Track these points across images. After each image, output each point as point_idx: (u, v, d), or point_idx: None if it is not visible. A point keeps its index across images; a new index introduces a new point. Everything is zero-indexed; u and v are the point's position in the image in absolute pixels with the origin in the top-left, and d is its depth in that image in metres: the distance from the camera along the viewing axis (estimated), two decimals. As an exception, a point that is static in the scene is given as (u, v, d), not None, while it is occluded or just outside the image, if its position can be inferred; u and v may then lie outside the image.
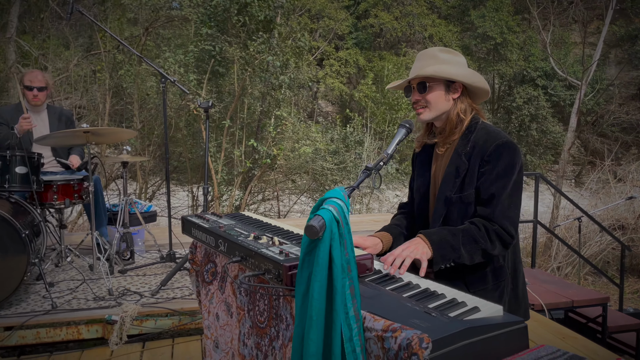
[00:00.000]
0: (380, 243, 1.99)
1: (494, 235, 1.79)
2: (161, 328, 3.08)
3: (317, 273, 1.25)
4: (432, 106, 1.88)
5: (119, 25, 9.97)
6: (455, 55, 1.93)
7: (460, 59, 1.93)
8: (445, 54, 1.91)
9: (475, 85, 1.89)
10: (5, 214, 2.95)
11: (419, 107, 1.90)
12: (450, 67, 1.87)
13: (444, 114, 1.91)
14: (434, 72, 1.84)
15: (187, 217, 2.24)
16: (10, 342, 2.87)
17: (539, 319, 3.33)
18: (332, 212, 1.27)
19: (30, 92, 3.87)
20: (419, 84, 1.88)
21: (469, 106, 1.91)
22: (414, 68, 1.92)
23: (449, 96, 1.89)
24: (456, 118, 1.89)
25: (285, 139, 7.89)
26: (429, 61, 1.88)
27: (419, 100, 1.89)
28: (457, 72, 1.86)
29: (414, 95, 1.91)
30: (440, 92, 1.87)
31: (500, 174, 1.81)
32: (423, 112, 1.90)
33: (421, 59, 1.91)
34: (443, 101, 1.88)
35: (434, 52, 1.90)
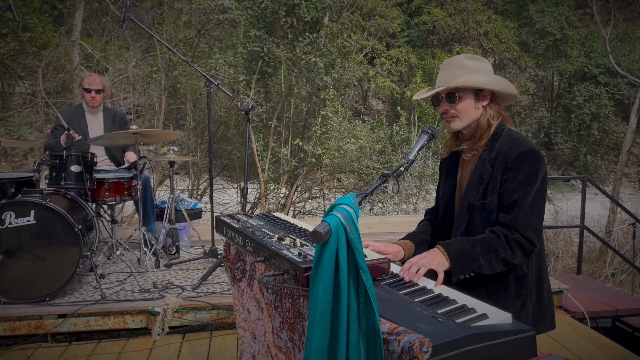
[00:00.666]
0: (402, 251, 2.02)
1: (515, 243, 1.78)
2: (200, 321, 3.23)
3: (321, 276, 1.32)
4: (462, 115, 1.90)
5: (174, 27, 10.36)
6: (482, 61, 1.93)
7: (486, 65, 1.93)
8: (472, 61, 1.91)
9: (505, 91, 1.89)
10: (61, 209, 3.18)
11: (448, 117, 1.92)
12: (478, 75, 1.88)
13: (474, 121, 1.92)
14: (464, 83, 1.85)
15: (220, 217, 2.35)
16: (63, 329, 3.10)
17: (578, 327, 3.25)
18: (340, 218, 1.33)
19: (89, 94, 4.13)
20: (448, 95, 1.90)
21: (497, 112, 1.92)
22: (440, 78, 1.93)
23: (479, 104, 1.90)
24: (486, 124, 1.90)
25: (330, 138, 7.96)
26: (457, 71, 1.89)
27: (448, 110, 1.91)
28: (485, 80, 1.87)
29: (442, 106, 1.92)
30: (470, 101, 1.89)
31: (523, 181, 1.81)
32: (453, 122, 1.92)
33: (448, 68, 1.92)
34: (473, 110, 1.90)
35: (461, 60, 1.91)
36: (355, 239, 1.33)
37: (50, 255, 3.17)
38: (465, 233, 1.93)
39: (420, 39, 18.06)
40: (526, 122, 17.51)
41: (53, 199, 3.33)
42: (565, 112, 17.76)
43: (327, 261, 1.31)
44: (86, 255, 3.30)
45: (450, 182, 2.05)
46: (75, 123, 4.15)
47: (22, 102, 11.99)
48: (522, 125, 17.04)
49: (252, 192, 9.62)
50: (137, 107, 11.24)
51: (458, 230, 1.94)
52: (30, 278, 3.15)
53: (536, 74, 18.77)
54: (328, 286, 1.33)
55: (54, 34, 10.95)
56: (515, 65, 17.84)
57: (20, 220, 3.11)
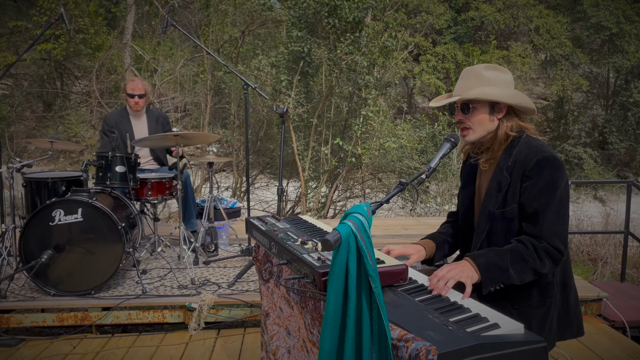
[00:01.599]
0: (423, 250, 2.05)
1: (543, 252, 1.77)
2: (234, 318, 3.34)
3: (333, 281, 1.37)
4: (475, 127, 1.89)
5: (220, 28, 10.61)
6: (502, 72, 1.92)
7: (506, 76, 1.92)
8: (491, 71, 1.90)
9: (521, 105, 1.88)
10: (106, 208, 3.36)
11: (462, 127, 1.92)
12: (494, 88, 1.86)
13: (489, 133, 1.91)
14: (477, 96, 1.84)
15: (250, 219, 2.44)
16: (107, 321, 3.28)
17: (616, 337, 3.16)
18: (351, 227, 1.38)
19: (132, 99, 4.33)
20: (462, 105, 1.90)
21: (515, 124, 1.90)
22: (457, 86, 1.94)
23: (494, 117, 1.89)
24: (504, 137, 1.89)
25: (370, 137, 7.97)
26: (473, 81, 1.89)
27: (462, 120, 1.91)
28: (500, 93, 1.85)
29: (457, 115, 1.93)
30: (484, 113, 1.88)
31: (543, 190, 1.79)
32: (467, 134, 1.92)
33: (465, 77, 1.92)
34: (487, 122, 1.89)
35: (479, 70, 1.91)
36: (365, 248, 1.37)
37: (96, 251, 3.35)
38: (486, 242, 1.93)
39: (467, 35, 17.71)
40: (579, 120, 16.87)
41: (99, 197, 3.52)
42: (622, 110, 17.00)
43: (337, 268, 1.36)
44: (129, 252, 3.47)
45: (468, 189, 2.06)
46: (120, 126, 4.36)
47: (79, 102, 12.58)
48: (575, 124, 16.43)
49: (292, 191, 9.75)
50: (185, 106, 11.60)
51: (479, 239, 1.94)
52: (78, 272, 3.35)
53: (590, 71, 18.05)
54: (339, 292, 1.38)
55: (107, 37, 11.44)
56: (568, 61, 17.21)
57: (69, 217, 3.31)
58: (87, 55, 11.84)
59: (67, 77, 13.19)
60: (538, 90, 19.68)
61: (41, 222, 3.28)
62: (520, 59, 15.84)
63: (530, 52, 17.35)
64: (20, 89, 13.41)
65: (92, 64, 11.36)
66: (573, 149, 15.59)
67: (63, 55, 11.52)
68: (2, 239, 3.55)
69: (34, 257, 3.25)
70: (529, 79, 17.92)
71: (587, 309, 3.45)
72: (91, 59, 11.67)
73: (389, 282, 1.72)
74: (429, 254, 2.06)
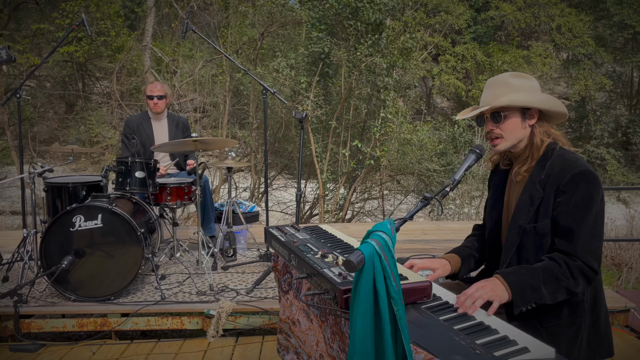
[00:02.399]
0: (449, 265, 2.00)
1: (577, 271, 1.71)
2: (253, 325, 3.32)
3: (359, 304, 1.32)
4: (507, 135, 1.84)
5: (239, 30, 10.63)
6: (528, 79, 1.87)
7: (533, 82, 1.87)
8: (518, 79, 1.85)
9: (553, 110, 1.82)
10: (125, 213, 3.36)
11: (493, 137, 1.87)
12: (524, 94, 1.82)
13: (520, 141, 1.86)
14: (509, 102, 1.80)
15: (269, 229, 2.41)
16: (126, 327, 3.28)
17: (644, 351, 3.06)
18: (374, 246, 1.33)
19: (152, 101, 4.34)
20: (493, 114, 1.85)
21: (546, 131, 1.84)
22: (485, 96, 1.89)
23: (526, 123, 1.84)
24: (540, 143, 1.83)
25: (389, 140, 7.90)
26: (502, 89, 1.84)
27: (493, 130, 1.86)
28: (532, 98, 1.81)
29: (487, 125, 1.87)
30: (516, 120, 1.83)
31: (579, 206, 1.73)
32: (499, 143, 1.86)
33: (492, 87, 1.87)
34: (519, 129, 1.84)
35: (506, 78, 1.86)
36: (389, 268, 1.33)
37: (115, 257, 3.36)
38: (516, 257, 1.87)
39: (487, 35, 17.50)
40: (602, 120, 16.55)
41: (119, 203, 3.53)
42: (646, 110, 16.65)
43: (363, 290, 1.32)
44: (148, 257, 3.47)
45: (497, 202, 2.00)
46: (142, 129, 4.38)
47: (100, 102, 12.74)
48: (598, 124, 16.13)
49: (310, 193, 9.72)
50: (204, 107, 11.66)
51: (508, 254, 1.88)
52: (97, 278, 3.36)
53: (614, 70, 17.70)
54: (367, 315, 1.33)
55: (128, 38, 11.56)
56: (591, 60, 16.90)
57: (89, 223, 3.32)
58: (108, 57, 11.97)
59: (89, 78, 13.35)
60: (560, 89, 19.38)
61: (62, 228, 3.30)
62: (541, 59, 15.59)
63: (551, 51, 17.09)
64: (43, 90, 13.63)
65: (113, 66, 11.48)
66: (596, 150, 15.31)
67: (84, 57, 11.66)
68: (24, 244, 3.58)
69: (54, 262, 3.27)
70: (550, 79, 17.65)
71: (613, 320, 3.35)
72: (112, 61, 11.80)
73: (413, 300, 1.67)
74: (454, 269, 2.01)
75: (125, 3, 13.62)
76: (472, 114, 1.91)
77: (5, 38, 11.41)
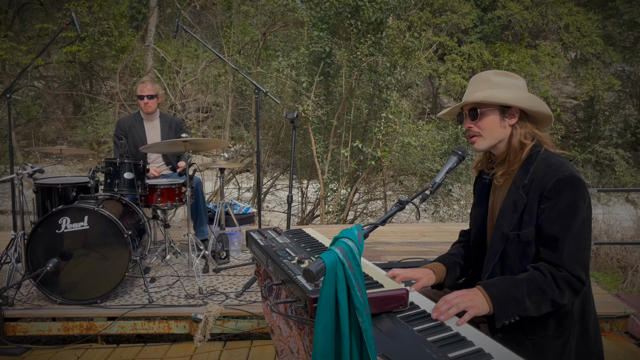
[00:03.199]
0: (433, 274, 1.90)
1: (563, 282, 1.62)
2: (241, 330, 3.25)
3: (320, 315, 1.25)
4: (485, 134, 1.76)
5: (242, 30, 10.58)
6: (513, 77, 1.78)
7: (518, 81, 1.78)
8: (501, 77, 1.77)
9: (534, 109, 1.73)
10: (112, 215, 3.31)
11: (471, 134, 1.79)
12: (503, 91, 1.73)
13: (501, 142, 1.77)
14: (484, 98, 1.72)
15: (250, 232, 2.34)
16: (112, 331, 3.23)
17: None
18: (338, 254, 1.26)
19: (142, 101, 4.29)
20: (470, 111, 1.77)
21: (529, 132, 1.75)
22: (465, 93, 1.81)
23: (505, 122, 1.75)
24: (518, 145, 1.74)
25: (391, 140, 7.81)
26: (481, 86, 1.77)
27: (471, 127, 1.78)
28: (510, 95, 1.72)
29: (465, 122, 1.80)
30: (495, 117, 1.74)
31: (563, 213, 1.64)
32: (477, 141, 1.78)
33: (473, 84, 1.80)
34: (498, 128, 1.75)
35: (488, 75, 1.78)
36: (354, 277, 1.25)
37: (102, 259, 3.31)
38: (499, 266, 1.78)
39: (494, 34, 17.34)
40: (611, 120, 16.34)
41: (107, 204, 3.48)
42: (656, 111, 16.42)
43: (324, 301, 1.24)
44: (135, 260, 3.41)
45: (482, 207, 1.91)
46: (134, 130, 4.33)
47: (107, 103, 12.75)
48: (607, 124, 15.92)
49: (313, 194, 9.65)
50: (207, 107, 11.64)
51: (491, 262, 1.79)
52: (84, 280, 3.31)
53: (623, 69, 17.47)
54: (328, 327, 1.26)
55: (132, 39, 11.55)
56: (599, 60, 16.69)
57: (75, 225, 3.27)
58: (112, 57, 11.97)
59: (96, 79, 13.39)
60: (568, 89, 19.20)
61: (48, 230, 3.25)
62: (549, 58, 15.42)
63: (559, 50, 16.91)
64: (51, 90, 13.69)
65: (117, 66, 11.49)
66: (604, 150, 15.12)
67: (88, 57, 11.68)
68: (11, 246, 3.54)
69: (40, 265, 3.23)
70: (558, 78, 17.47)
71: (612, 326, 3.25)
72: (116, 61, 11.80)
73: (388, 308, 1.59)
74: (439, 278, 1.91)
75: (132, 4, 13.63)
76: (448, 111, 1.84)
77: (10, 39, 11.45)
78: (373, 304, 1.57)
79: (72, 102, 14.56)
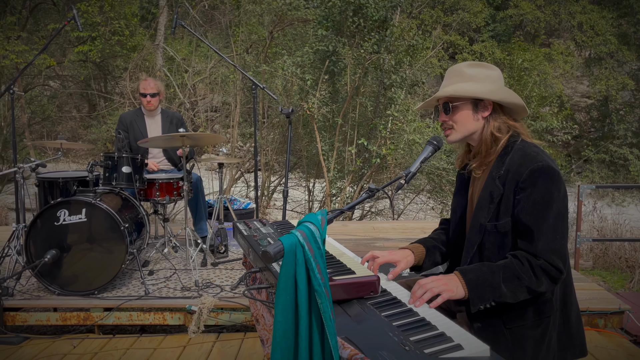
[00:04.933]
0: (412, 255, 1.91)
1: (540, 270, 1.62)
2: (234, 322, 3.29)
3: (279, 297, 1.27)
4: (458, 127, 1.78)
5: (250, 29, 10.64)
6: (487, 68, 1.79)
7: (491, 72, 1.79)
8: (474, 68, 1.78)
9: (506, 101, 1.74)
10: (109, 208, 3.37)
11: (446, 127, 1.81)
12: (474, 84, 1.74)
13: (474, 134, 1.79)
14: (453, 92, 1.73)
15: (236, 223, 2.38)
16: (108, 322, 3.28)
17: (635, 353, 2.92)
18: (298, 237, 1.28)
19: (145, 99, 4.35)
20: (444, 105, 1.79)
21: (503, 124, 1.76)
22: (440, 87, 1.83)
23: (478, 115, 1.76)
24: (490, 137, 1.75)
25: (396, 138, 7.80)
26: (454, 79, 1.78)
27: (445, 121, 1.80)
28: (480, 89, 1.73)
29: (440, 116, 1.82)
30: (467, 111, 1.76)
31: (538, 203, 1.64)
32: (450, 134, 1.81)
33: (447, 77, 1.82)
34: (471, 121, 1.76)
35: (461, 68, 1.79)
36: (314, 260, 1.27)
37: (100, 252, 3.37)
38: (477, 256, 1.79)
39: (506, 33, 17.22)
40: (625, 119, 16.13)
41: (106, 198, 3.54)
42: (672, 110, 16.16)
43: (283, 282, 1.27)
44: (132, 253, 3.46)
45: (461, 197, 1.92)
46: (135, 126, 4.39)
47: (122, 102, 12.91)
48: (621, 124, 15.71)
49: (320, 191, 9.68)
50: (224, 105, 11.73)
51: (469, 253, 1.80)
52: (82, 272, 3.37)
53: (638, 68, 17.21)
54: (288, 308, 1.28)
55: (143, 38, 11.68)
56: (613, 59, 16.48)
57: (73, 217, 3.34)
58: (123, 56, 12.11)
59: (110, 78, 13.56)
60: (582, 88, 18.97)
61: (46, 222, 3.32)
62: (563, 57, 15.26)
63: (573, 49, 16.73)
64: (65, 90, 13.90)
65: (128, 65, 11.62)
66: (618, 150, 14.94)
67: (99, 56, 11.83)
68: (13, 239, 3.62)
69: (39, 256, 3.29)
70: (572, 77, 17.28)
71: (607, 322, 3.23)
72: (126, 60, 11.94)
73: (359, 295, 1.61)
74: (418, 260, 1.92)
75: (142, 4, 13.78)
76: (424, 104, 1.85)
77: (22, 40, 11.65)
78: (344, 289, 1.59)
79: (87, 102, 14.76)
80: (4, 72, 11.21)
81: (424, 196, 10.28)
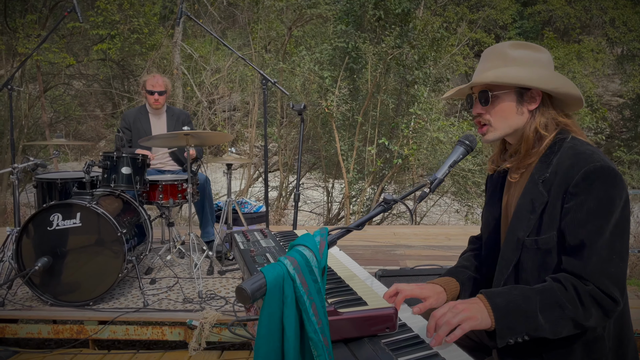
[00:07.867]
0: (444, 292, 1.54)
1: (588, 298, 1.27)
2: (239, 338, 3.00)
3: (259, 347, 0.96)
4: (497, 122, 1.43)
5: (269, 25, 10.39)
6: (535, 50, 1.44)
7: (541, 55, 1.43)
8: (519, 49, 1.43)
9: (560, 91, 1.39)
10: (106, 213, 3.11)
11: (481, 123, 1.46)
12: (521, 69, 1.39)
13: (518, 130, 1.44)
14: (495, 78, 1.39)
15: (233, 233, 2.08)
16: (103, 336, 3.03)
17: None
18: (287, 267, 0.97)
19: (152, 96, 4.09)
20: (481, 94, 1.43)
21: (552, 120, 1.41)
22: (476, 71, 1.49)
23: (523, 108, 1.41)
24: (533, 135, 1.41)
25: (418, 137, 7.43)
26: (495, 62, 1.43)
27: (481, 114, 1.45)
28: (528, 75, 1.38)
29: (475, 108, 1.46)
30: (510, 103, 1.41)
31: (594, 213, 1.28)
32: (486, 132, 1.45)
33: (486, 59, 1.46)
34: (514, 115, 1.42)
35: (503, 48, 1.44)
36: (307, 297, 0.96)
37: (95, 259, 3.12)
38: (513, 277, 1.44)
39: (534, 30, 16.66)
40: (657, 120, 15.44)
41: (103, 201, 3.29)
42: None
43: (265, 328, 0.96)
44: (131, 260, 3.20)
45: (494, 207, 1.57)
46: (139, 124, 4.14)
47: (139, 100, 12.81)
48: (652, 125, 15.06)
49: (340, 192, 9.38)
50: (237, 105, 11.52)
51: (504, 274, 1.45)
52: (76, 281, 3.12)
53: (673, 65, 16.47)
54: (270, 358, 0.97)
55: (161, 36, 11.52)
56: (647, 56, 15.79)
57: (67, 222, 3.09)
58: (142, 54, 11.98)
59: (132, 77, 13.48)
60: (613, 87, 18.29)
61: (39, 227, 3.08)
62: (593, 55, 14.67)
63: (604, 46, 16.08)
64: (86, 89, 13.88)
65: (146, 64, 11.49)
66: (652, 151, 14.26)
67: (118, 55, 11.72)
68: (7, 244, 3.40)
69: (31, 263, 3.05)
70: (603, 75, 16.63)
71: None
72: (145, 59, 11.81)
73: (372, 331, 1.29)
74: (452, 297, 1.56)
75: (165, 3, 13.65)
76: (456, 91, 1.51)
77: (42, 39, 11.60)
78: (354, 325, 1.27)
79: (110, 101, 14.71)
80: (24, 70, 11.16)
81: (447, 198, 9.88)
